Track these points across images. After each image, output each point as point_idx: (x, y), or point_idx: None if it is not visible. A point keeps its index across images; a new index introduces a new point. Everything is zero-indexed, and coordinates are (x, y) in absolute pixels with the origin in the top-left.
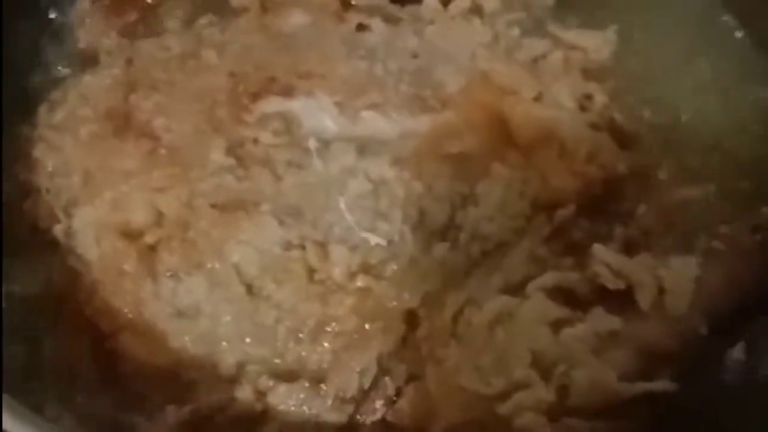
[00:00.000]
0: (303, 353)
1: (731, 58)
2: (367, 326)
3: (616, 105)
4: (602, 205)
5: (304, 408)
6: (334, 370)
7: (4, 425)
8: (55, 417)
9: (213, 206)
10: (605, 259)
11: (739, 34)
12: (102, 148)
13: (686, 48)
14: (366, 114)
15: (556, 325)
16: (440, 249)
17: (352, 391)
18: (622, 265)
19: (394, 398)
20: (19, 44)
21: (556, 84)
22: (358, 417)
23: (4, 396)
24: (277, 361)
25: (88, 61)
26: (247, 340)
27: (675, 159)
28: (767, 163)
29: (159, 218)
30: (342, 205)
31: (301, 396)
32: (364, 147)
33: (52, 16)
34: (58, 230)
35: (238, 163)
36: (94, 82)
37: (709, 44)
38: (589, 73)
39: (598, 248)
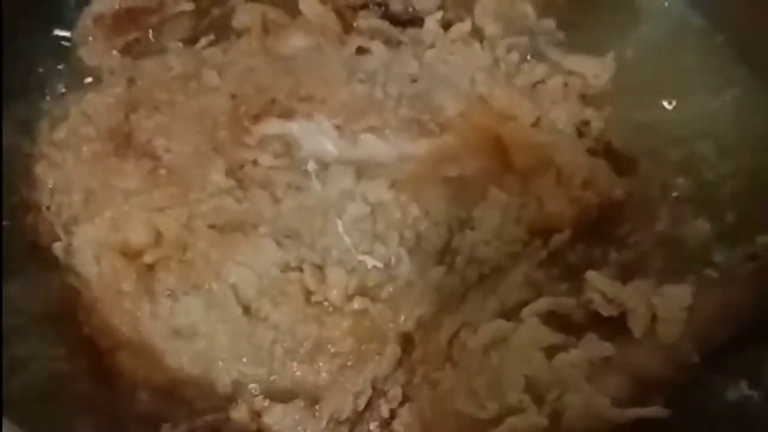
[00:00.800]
0: (299, 374)
1: (730, 86)
2: (362, 348)
3: (613, 131)
4: (598, 230)
5: (299, 429)
6: (330, 391)
7: None
8: None
9: (212, 227)
10: (599, 286)
11: (736, 61)
12: (103, 167)
13: (688, 76)
14: (365, 137)
15: (550, 351)
16: (437, 272)
17: (347, 412)
18: (615, 292)
19: (389, 420)
20: (21, 62)
21: (555, 109)
22: None
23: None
24: (273, 381)
25: (91, 80)
26: (244, 360)
27: (670, 186)
28: (762, 193)
29: (158, 238)
30: (340, 228)
31: (296, 417)
32: (363, 170)
33: (54, 34)
34: (57, 248)
35: (237, 185)
36: (96, 100)
37: (713, 75)
38: (587, 99)
39: (591, 275)
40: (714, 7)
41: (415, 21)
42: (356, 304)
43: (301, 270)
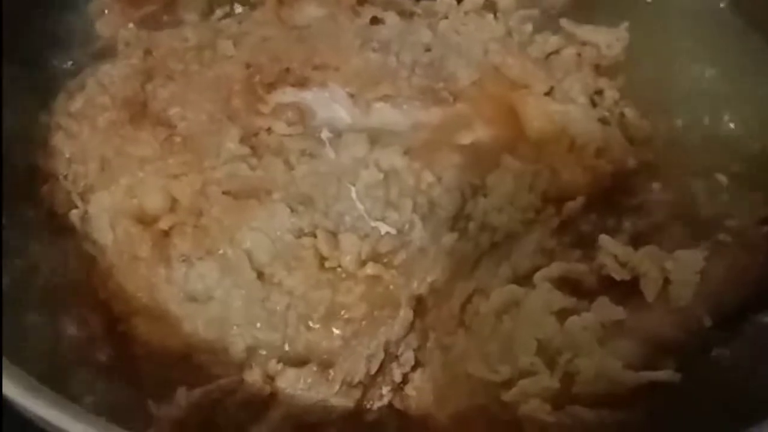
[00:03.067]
0: (312, 339)
1: (742, 57)
2: (375, 313)
3: (627, 101)
4: (611, 198)
5: (312, 392)
6: (343, 355)
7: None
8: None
9: (226, 193)
10: (612, 250)
11: (750, 35)
12: (118, 136)
13: (697, 45)
14: (378, 105)
15: (562, 314)
16: (449, 239)
17: (359, 376)
18: (628, 257)
19: (401, 384)
20: (37, 34)
21: (568, 79)
22: (364, 402)
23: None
24: (286, 346)
25: (106, 51)
26: (258, 325)
27: (683, 153)
28: None
29: (173, 204)
30: (353, 195)
31: (309, 380)
32: (376, 137)
33: (70, 6)
34: (74, 216)
35: (251, 152)
36: (112, 71)
37: (721, 42)
38: (600, 69)
39: (604, 239)
40: None
41: None
42: (369, 270)
43: (314, 236)
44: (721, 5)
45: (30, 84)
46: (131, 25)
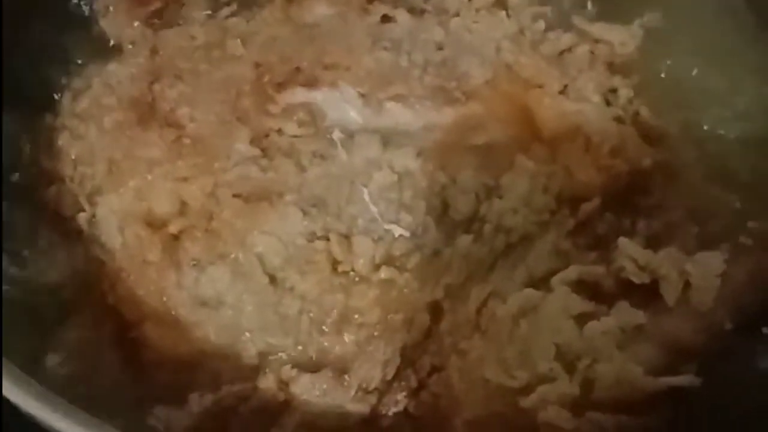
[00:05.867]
0: (326, 344)
1: (759, 55)
2: (390, 318)
3: (641, 99)
4: (627, 199)
5: (327, 398)
6: (358, 360)
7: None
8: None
9: (237, 196)
10: (631, 253)
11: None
12: (126, 137)
13: (712, 43)
14: (390, 105)
15: (581, 319)
16: (464, 241)
17: (375, 382)
18: (647, 260)
19: (417, 390)
20: (42, 33)
21: (581, 77)
22: (380, 408)
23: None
24: (299, 352)
25: (112, 50)
26: (270, 330)
27: (701, 154)
28: None
29: (183, 208)
30: (366, 197)
31: (324, 386)
32: (389, 138)
33: (75, 5)
34: (81, 219)
35: (262, 154)
36: (118, 71)
37: (737, 40)
38: (614, 67)
39: (623, 242)
40: None
41: None
42: (383, 273)
43: (327, 239)
44: (737, 3)
45: (34, 84)
46: (137, 23)
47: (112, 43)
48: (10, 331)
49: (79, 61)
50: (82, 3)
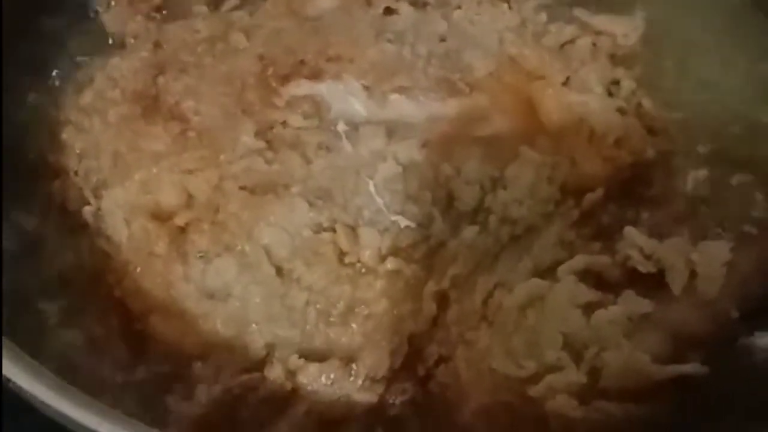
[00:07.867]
0: (333, 335)
1: (761, 47)
2: (397, 309)
3: (644, 91)
4: (631, 189)
5: (335, 388)
6: (366, 350)
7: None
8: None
9: (243, 188)
10: (637, 242)
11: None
12: (131, 130)
13: (715, 34)
14: (394, 97)
15: (588, 308)
16: (470, 232)
17: (382, 371)
18: (653, 249)
19: (425, 379)
20: (44, 28)
21: (584, 69)
22: (387, 397)
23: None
24: (306, 343)
25: (115, 44)
26: (277, 322)
27: (703, 144)
28: None
29: (189, 200)
30: (372, 188)
31: (332, 376)
32: (393, 130)
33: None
34: (87, 212)
35: (267, 146)
36: (121, 64)
37: (740, 32)
38: (616, 59)
39: (629, 231)
40: None
41: None
42: (389, 264)
43: (333, 230)
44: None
45: (37, 77)
46: (139, 17)
47: (114, 37)
48: (16, 324)
49: (82, 55)
50: None
